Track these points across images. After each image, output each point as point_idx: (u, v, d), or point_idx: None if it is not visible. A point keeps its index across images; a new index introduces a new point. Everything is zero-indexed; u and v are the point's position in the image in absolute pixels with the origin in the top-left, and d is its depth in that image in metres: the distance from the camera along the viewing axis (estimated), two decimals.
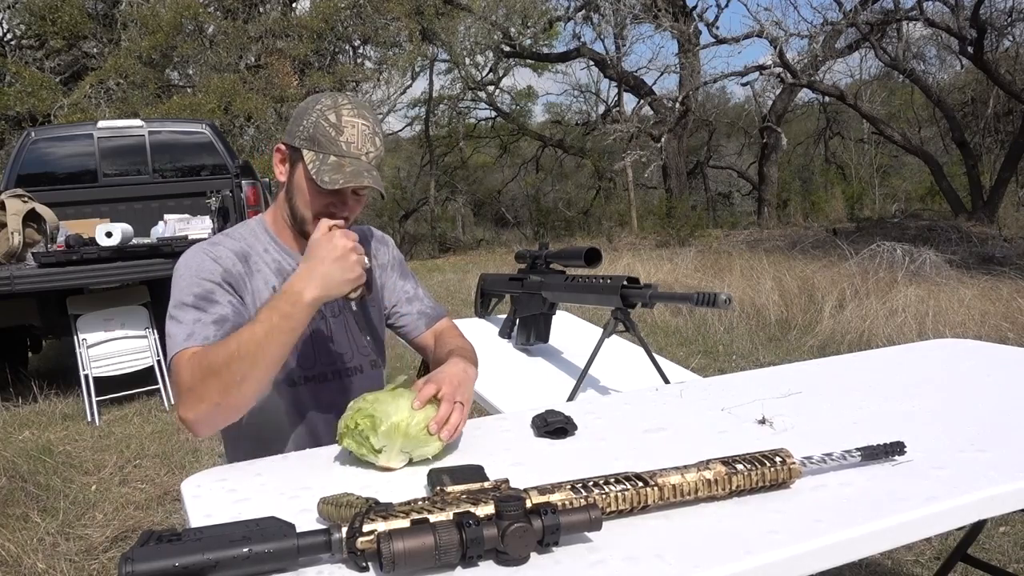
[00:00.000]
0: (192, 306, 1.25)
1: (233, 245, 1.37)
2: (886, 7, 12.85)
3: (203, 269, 1.29)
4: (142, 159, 5.70)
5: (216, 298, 1.27)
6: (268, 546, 0.77)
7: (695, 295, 1.45)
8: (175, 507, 3.04)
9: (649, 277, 7.75)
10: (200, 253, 1.33)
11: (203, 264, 1.30)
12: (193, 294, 1.26)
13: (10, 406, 4.63)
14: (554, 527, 0.79)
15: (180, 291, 1.28)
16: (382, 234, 1.59)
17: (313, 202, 1.34)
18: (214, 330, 1.22)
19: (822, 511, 0.89)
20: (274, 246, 1.41)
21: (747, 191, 19.70)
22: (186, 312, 1.25)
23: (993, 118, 14.56)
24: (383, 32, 14.35)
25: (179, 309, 1.25)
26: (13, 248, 4.56)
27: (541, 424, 1.22)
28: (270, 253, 1.40)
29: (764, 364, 4.38)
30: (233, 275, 1.32)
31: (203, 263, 1.30)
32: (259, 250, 1.39)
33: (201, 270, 1.29)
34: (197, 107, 11.42)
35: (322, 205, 1.33)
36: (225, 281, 1.30)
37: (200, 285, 1.27)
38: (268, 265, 1.38)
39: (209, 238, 1.41)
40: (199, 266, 1.30)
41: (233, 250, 1.35)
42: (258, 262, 1.37)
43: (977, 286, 5.85)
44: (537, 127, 21.09)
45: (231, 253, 1.34)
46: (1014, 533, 2.49)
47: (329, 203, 1.32)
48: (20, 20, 13.99)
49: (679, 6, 14.47)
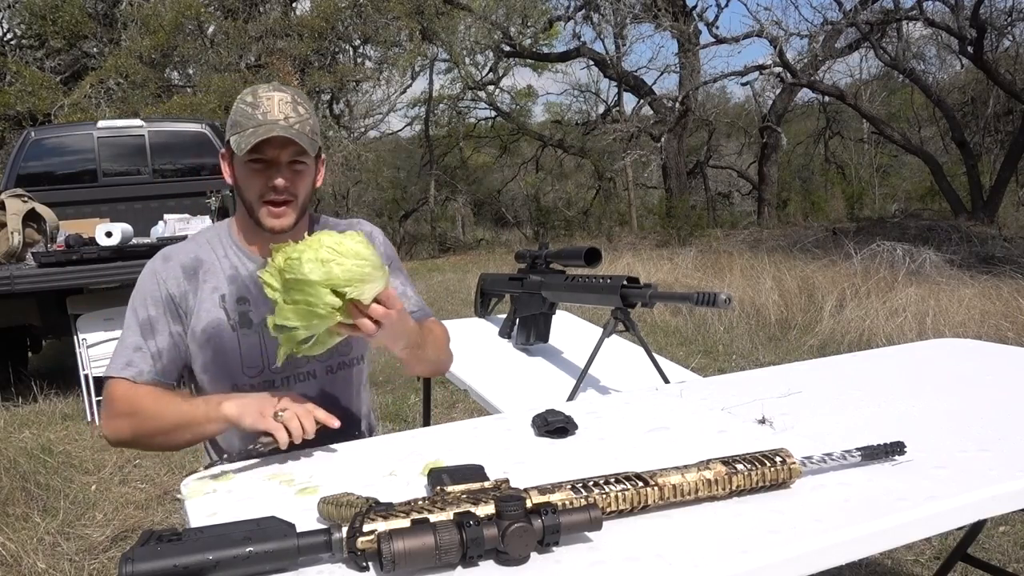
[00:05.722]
0: (138, 329, 1.36)
1: (186, 257, 1.39)
2: (886, 7, 12.84)
3: (151, 293, 1.37)
4: (142, 159, 5.70)
5: (158, 328, 1.35)
6: (268, 546, 0.77)
7: (695, 295, 1.45)
8: (175, 507, 3.03)
9: (649, 277, 7.75)
10: (151, 275, 1.39)
11: (151, 288, 1.38)
12: (140, 316, 1.36)
13: (10, 406, 4.62)
14: (554, 527, 0.79)
15: (134, 304, 1.38)
16: (372, 228, 1.56)
17: (246, 183, 1.35)
18: (150, 365, 1.33)
19: (822, 511, 0.89)
20: (234, 250, 1.42)
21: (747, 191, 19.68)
22: (131, 334, 1.35)
23: (993, 118, 14.54)
24: (383, 31, 14.35)
25: (129, 327, 1.37)
26: (13, 248, 4.56)
27: (541, 424, 1.22)
28: (228, 258, 1.41)
29: (764, 364, 4.37)
30: (176, 298, 1.37)
31: (151, 286, 1.38)
32: (217, 255, 1.41)
33: (150, 293, 1.37)
34: (197, 107, 11.40)
35: (256, 183, 1.34)
36: (168, 308, 1.36)
37: (146, 309, 1.37)
38: (223, 271, 1.39)
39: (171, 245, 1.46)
40: (148, 289, 1.38)
41: (183, 264, 1.39)
42: (211, 270, 1.39)
43: (977, 286, 5.85)
44: (537, 127, 21.04)
45: (179, 269, 1.38)
46: (1014, 533, 2.49)
47: (261, 180, 1.33)
48: (20, 20, 13.98)
49: (679, 6, 14.45)
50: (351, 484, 1.00)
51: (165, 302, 1.36)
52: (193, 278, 1.38)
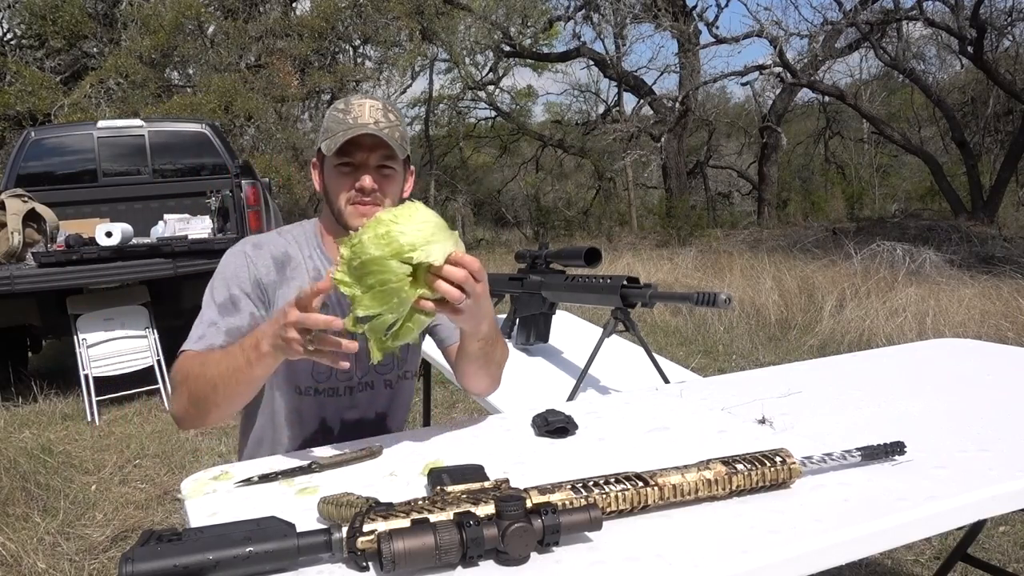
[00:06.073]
0: (217, 307, 1.31)
1: (276, 249, 1.37)
2: (886, 7, 12.84)
3: (238, 274, 1.33)
4: (142, 159, 5.69)
5: (240, 307, 1.31)
6: (268, 546, 0.77)
7: (695, 295, 1.45)
8: (175, 507, 3.04)
9: (649, 277, 7.75)
10: (240, 255, 1.36)
11: (238, 270, 1.34)
12: (222, 296, 1.32)
13: (10, 406, 4.63)
14: (554, 527, 0.79)
15: (215, 285, 1.34)
16: None
17: (334, 185, 1.35)
18: (223, 339, 1.27)
19: (822, 511, 0.89)
20: (318, 253, 1.41)
21: (747, 191, 19.67)
22: (210, 310, 1.31)
23: (993, 118, 14.54)
24: (383, 31, 14.34)
25: (207, 305, 1.32)
26: (13, 248, 4.56)
27: (541, 424, 1.22)
28: (313, 260, 1.39)
29: (764, 364, 4.38)
30: (263, 284, 1.34)
31: (238, 268, 1.34)
32: (303, 255, 1.39)
33: (236, 275, 1.34)
34: (197, 107, 11.40)
35: (343, 185, 1.34)
36: (254, 290, 1.33)
37: (229, 289, 1.32)
38: (307, 272, 1.38)
39: (263, 232, 1.43)
40: (235, 270, 1.34)
41: (274, 255, 1.36)
42: (297, 268, 1.37)
43: (977, 286, 5.86)
44: (537, 127, 21.04)
45: (270, 259, 1.36)
46: (1014, 533, 2.49)
47: (349, 182, 1.33)
48: (20, 20, 13.98)
49: (679, 6, 14.45)
50: (351, 484, 1.00)
51: (253, 284, 1.33)
52: (282, 271, 1.36)
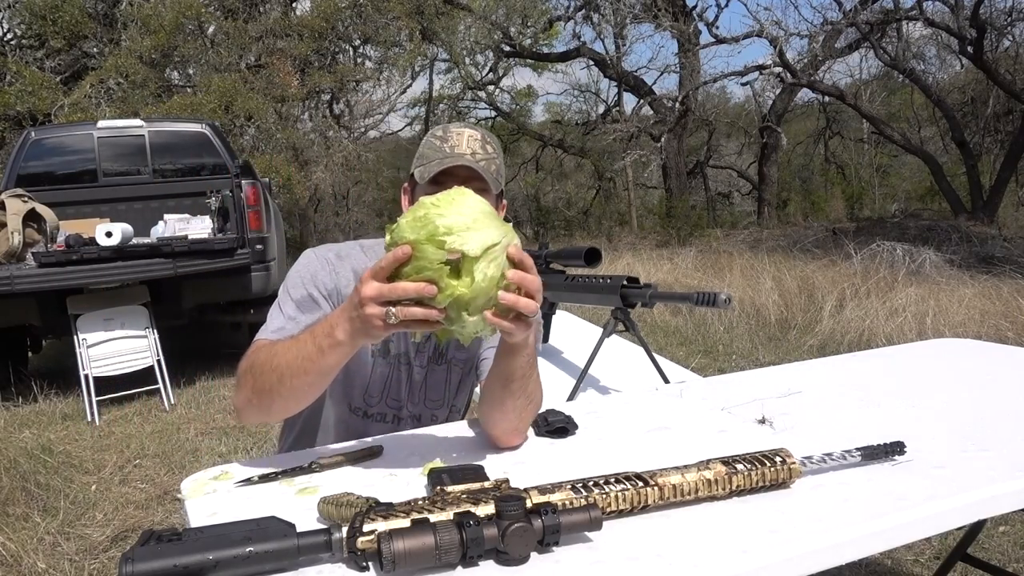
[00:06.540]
0: (295, 303, 1.31)
1: (358, 264, 1.36)
2: (886, 7, 12.84)
3: (317, 278, 1.33)
4: (142, 159, 5.69)
5: (319, 306, 1.31)
6: (268, 546, 0.77)
7: (695, 295, 1.45)
8: (175, 507, 3.03)
9: (649, 277, 7.75)
10: (324, 261, 1.35)
11: (320, 273, 1.33)
12: (300, 294, 1.32)
13: (10, 406, 4.63)
14: (554, 527, 0.79)
15: (294, 282, 1.33)
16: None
17: None
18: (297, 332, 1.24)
19: (822, 511, 0.89)
20: None
21: (747, 191, 19.67)
22: (288, 306, 1.31)
23: (993, 118, 14.53)
24: (383, 31, 14.34)
25: (285, 300, 1.32)
26: (13, 248, 4.56)
27: (541, 424, 1.22)
28: None
29: (764, 364, 4.38)
30: (342, 294, 1.33)
31: (320, 272, 1.33)
32: None
33: (316, 277, 1.33)
34: (197, 107, 11.39)
35: None
36: (332, 296, 1.33)
37: (306, 288, 1.32)
38: None
39: (346, 242, 1.42)
40: (316, 272, 1.33)
41: (355, 269, 1.35)
42: None
43: (977, 286, 5.85)
44: (537, 127, 21.06)
45: (351, 273, 1.35)
46: (1014, 533, 2.49)
47: None
48: (20, 20, 13.97)
49: (679, 6, 14.45)
50: (351, 484, 1.00)
51: (331, 290, 1.32)
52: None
